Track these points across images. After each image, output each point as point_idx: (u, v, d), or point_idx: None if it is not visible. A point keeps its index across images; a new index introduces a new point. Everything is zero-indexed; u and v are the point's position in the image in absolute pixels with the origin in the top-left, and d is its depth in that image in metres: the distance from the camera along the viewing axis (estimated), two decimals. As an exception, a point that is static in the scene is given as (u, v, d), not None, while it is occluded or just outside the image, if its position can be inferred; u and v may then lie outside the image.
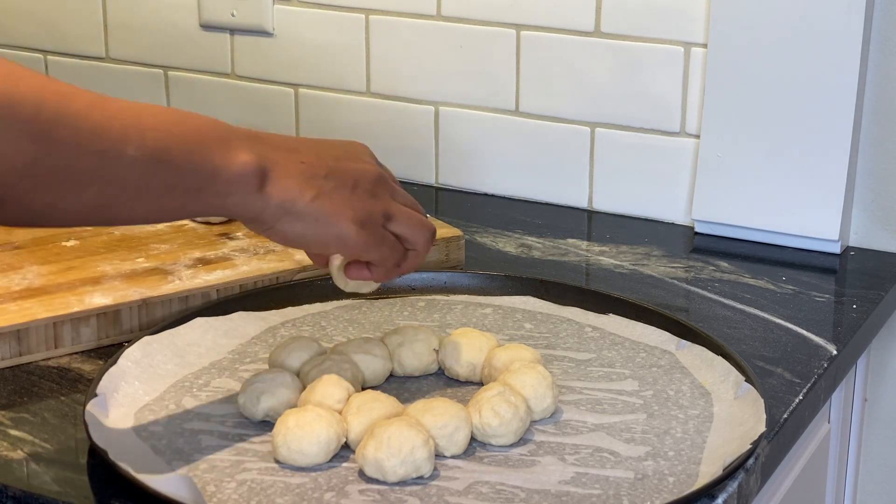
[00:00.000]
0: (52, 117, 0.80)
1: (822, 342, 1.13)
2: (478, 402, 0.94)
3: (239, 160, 0.89)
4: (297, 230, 0.92)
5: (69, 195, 0.82)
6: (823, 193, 1.33)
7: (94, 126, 0.82)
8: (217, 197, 0.88)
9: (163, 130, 0.86)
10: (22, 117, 0.78)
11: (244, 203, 0.89)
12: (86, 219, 0.86)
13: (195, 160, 0.87)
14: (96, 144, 0.82)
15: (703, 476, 0.89)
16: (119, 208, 0.85)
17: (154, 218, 0.89)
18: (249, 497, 0.86)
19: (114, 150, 0.82)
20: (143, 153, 0.84)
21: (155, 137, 0.85)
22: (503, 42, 1.47)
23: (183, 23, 1.64)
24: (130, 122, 0.84)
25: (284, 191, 0.91)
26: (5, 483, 0.88)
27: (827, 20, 1.29)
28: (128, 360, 1.01)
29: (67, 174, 0.81)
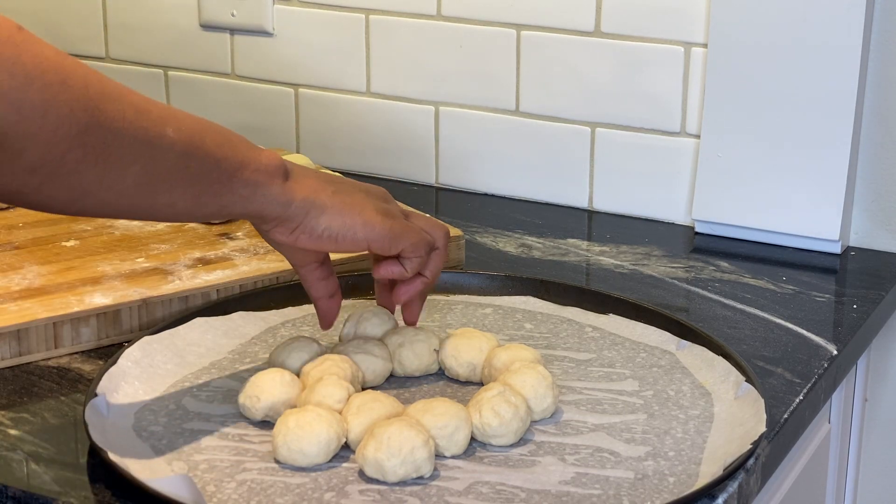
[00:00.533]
0: (99, 91, 0.83)
1: (822, 342, 1.13)
2: (478, 402, 0.94)
3: (265, 155, 0.94)
4: (324, 223, 0.96)
5: (115, 170, 0.85)
6: (823, 193, 1.33)
7: (136, 104, 0.86)
8: (247, 186, 0.92)
9: (195, 121, 0.91)
10: (75, 87, 0.81)
11: (272, 195, 0.94)
12: (128, 202, 0.88)
13: (226, 150, 0.92)
14: (140, 121, 0.85)
15: (703, 476, 0.89)
16: (159, 191, 0.88)
17: (190, 208, 0.92)
18: (249, 497, 0.86)
19: (155, 129, 0.86)
20: (181, 136, 0.88)
21: (190, 123, 0.90)
22: (503, 42, 1.47)
23: (183, 23, 1.64)
24: (166, 109, 0.89)
25: (306, 186, 0.96)
26: (5, 483, 0.88)
27: (827, 21, 1.29)
28: (128, 360, 1.01)
29: (114, 147, 0.84)
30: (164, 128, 0.87)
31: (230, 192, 0.92)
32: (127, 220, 1.30)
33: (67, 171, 0.82)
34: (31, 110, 0.79)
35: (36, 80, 0.79)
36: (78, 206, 0.87)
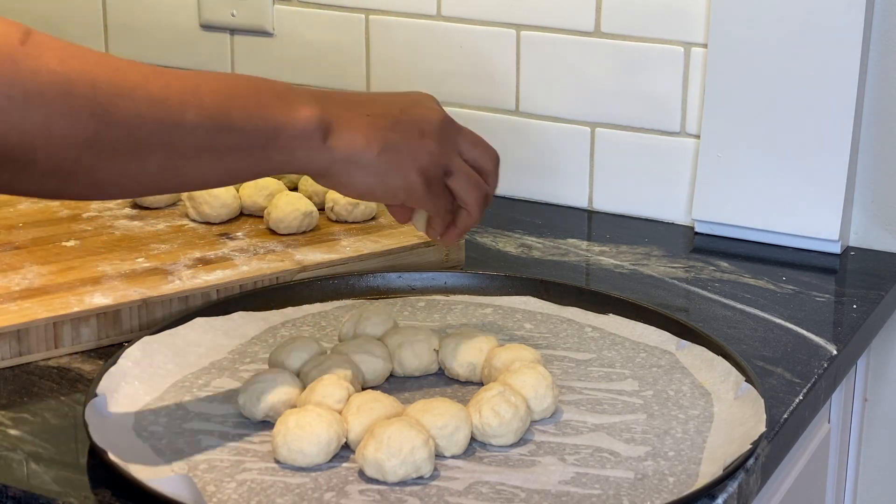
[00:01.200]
0: (108, 91, 0.82)
1: (822, 342, 1.13)
2: (478, 402, 0.94)
3: (301, 115, 0.91)
4: (366, 183, 0.95)
5: (133, 164, 0.84)
6: (823, 193, 1.33)
7: (150, 96, 0.84)
8: (282, 153, 0.90)
9: (221, 93, 0.88)
10: (78, 94, 0.80)
11: (310, 158, 0.92)
12: (156, 186, 0.88)
13: (256, 119, 0.89)
14: (155, 113, 0.84)
15: (703, 476, 0.89)
16: (186, 173, 0.88)
17: (226, 179, 0.91)
18: (249, 497, 0.86)
19: (173, 117, 0.85)
20: (202, 118, 0.86)
21: (213, 101, 0.87)
22: (503, 42, 1.47)
23: (183, 23, 1.64)
24: (188, 89, 0.87)
25: (350, 144, 0.93)
26: (5, 483, 0.88)
27: (827, 20, 1.29)
28: (128, 360, 1.01)
29: (129, 144, 0.83)
30: (183, 113, 0.85)
31: (264, 160, 0.90)
32: (127, 221, 1.30)
33: (84, 171, 0.83)
34: (32, 127, 0.79)
35: (34, 98, 0.79)
36: (104, 195, 0.88)
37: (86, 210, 1.33)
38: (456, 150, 0.99)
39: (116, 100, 0.82)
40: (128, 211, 1.33)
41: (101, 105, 0.81)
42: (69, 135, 0.80)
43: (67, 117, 0.80)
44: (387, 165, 0.94)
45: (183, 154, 0.86)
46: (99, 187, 0.85)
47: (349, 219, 1.31)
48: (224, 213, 1.30)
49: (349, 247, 1.25)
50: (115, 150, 0.83)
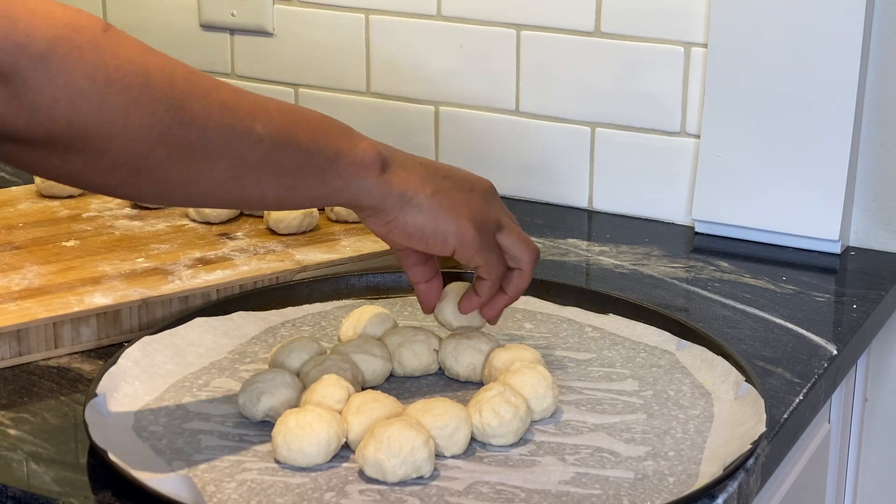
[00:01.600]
0: (185, 90, 0.84)
1: (822, 342, 1.13)
2: (478, 402, 0.94)
3: (361, 146, 0.93)
4: (418, 222, 0.95)
5: (201, 166, 0.85)
6: (823, 193, 1.33)
7: (223, 101, 0.86)
8: (341, 178, 0.92)
9: (289, 114, 0.90)
10: (158, 87, 0.82)
11: (366, 187, 0.93)
12: (218, 195, 0.89)
13: (320, 142, 0.91)
14: (227, 118, 0.86)
15: (703, 476, 0.89)
16: (248, 185, 0.89)
17: (284, 199, 0.92)
18: (249, 497, 0.86)
19: (242, 125, 0.86)
20: (270, 131, 0.88)
21: (281, 119, 0.89)
22: (503, 42, 1.47)
23: (183, 23, 1.64)
24: (258, 103, 0.89)
25: (406, 181, 0.95)
26: (5, 483, 0.88)
27: (827, 20, 1.29)
28: (128, 360, 1.01)
29: (199, 145, 0.84)
30: (252, 123, 0.87)
31: (323, 184, 0.91)
32: (127, 221, 1.30)
33: (152, 167, 0.83)
34: (111, 112, 0.80)
35: (116, 83, 0.80)
36: (166, 198, 0.88)
37: (86, 210, 1.33)
38: (504, 212, 1.00)
39: (191, 99, 0.84)
40: (128, 211, 1.33)
41: (176, 100, 0.83)
42: (144, 126, 0.81)
43: (145, 108, 0.81)
44: (439, 206, 0.95)
45: (247, 165, 0.87)
46: (164, 186, 0.86)
47: (349, 219, 1.31)
48: (224, 212, 1.30)
49: (349, 247, 1.25)
50: (184, 150, 0.84)
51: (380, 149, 0.94)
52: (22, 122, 0.78)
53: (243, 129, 0.87)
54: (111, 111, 0.80)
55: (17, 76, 0.77)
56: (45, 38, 0.77)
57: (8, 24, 0.76)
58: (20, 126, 0.79)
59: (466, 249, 0.97)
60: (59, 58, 0.78)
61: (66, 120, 0.79)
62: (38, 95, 0.78)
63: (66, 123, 0.79)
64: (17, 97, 0.77)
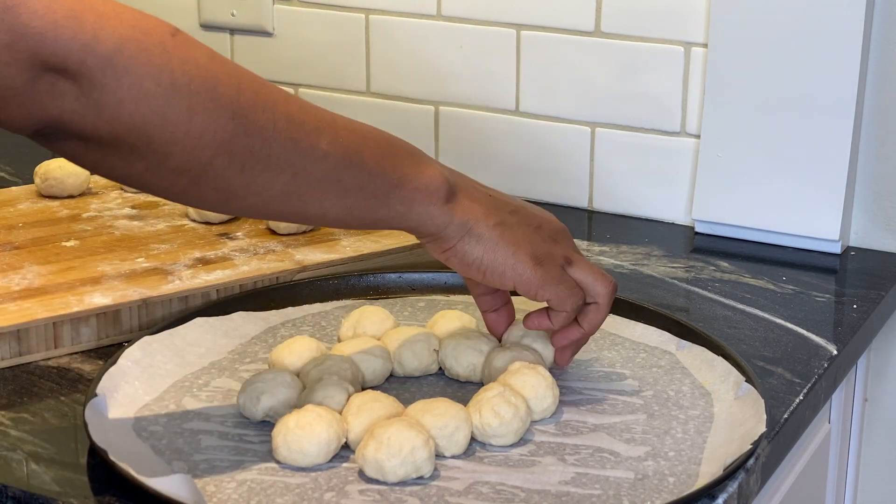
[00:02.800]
0: (251, 99, 0.84)
1: (822, 342, 1.13)
2: (478, 402, 0.94)
3: (428, 171, 0.92)
4: (476, 253, 0.94)
5: (262, 178, 0.85)
6: (823, 193, 1.33)
7: (290, 114, 0.86)
8: (404, 203, 0.91)
9: (356, 133, 0.90)
10: (224, 94, 0.82)
11: (429, 214, 0.92)
12: (278, 208, 0.89)
13: (385, 165, 0.90)
14: (291, 132, 0.86)
15: (703, 476, 0.89)
16: (309, 200, 0.88)
17: (344, 217, 0.91)
18: (249, 497, 0.86)
19: (307, 140, 0.86)
20: (335, 149, 0.88)
21: (348, 137, 0.89)
22: (503, 42, 1.47)
23: (183, 23, 1.64)
24: (325, 119, 0.89)
25: (469, 210, 0.94)
26: (5, 483, 0.88)
27: (827, 20, 1.29)
28: (128, 360, 1.01)
29: (262, 156, 0.84)
30: (317, 139, 0.87)
31: (385, 206, 0.91)
32: (127, 221, 1.30)
33: (214, 175, 0.83)
34: (176, 116, 0.80)
35: (182, 87, 0.80)
36: (226, 207, 0.88)
37: (86, 210, 1.33)
38: (574, 249, 0.99)
39: (257, 108, 0.84)
40: (128, 211, 1.33)
41: (242, 109, 0.83)
42: (207, 132, 0.81)
43: (209, 114, 0.81)
44: (500, 238, 0.94)
45: (309, 180, 0.87)
46: (224, 195, 0.86)
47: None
48: (224, 213, 1.30)
49: (349, 247, 1.25)
50: (246, 159, 0.84)
51: (448, 176, 0.93)
52: (88, 120, 0.79)
53: (308, 144, 0.86)
54: (175, 115, 0.80)
55: (85, 75, 0.78)
56: (113, 38, 0.78)
57: (75, 23, 0.77)
58: (86, 124, 0.79)
59: (526, 286, 0.96)
60: (126, 59, 0.78)
61: (130, 121, 0.79)
62: (103, 95, 0.78)
63: (131, 124, 0.79)
64: (85, 95, 0.78)
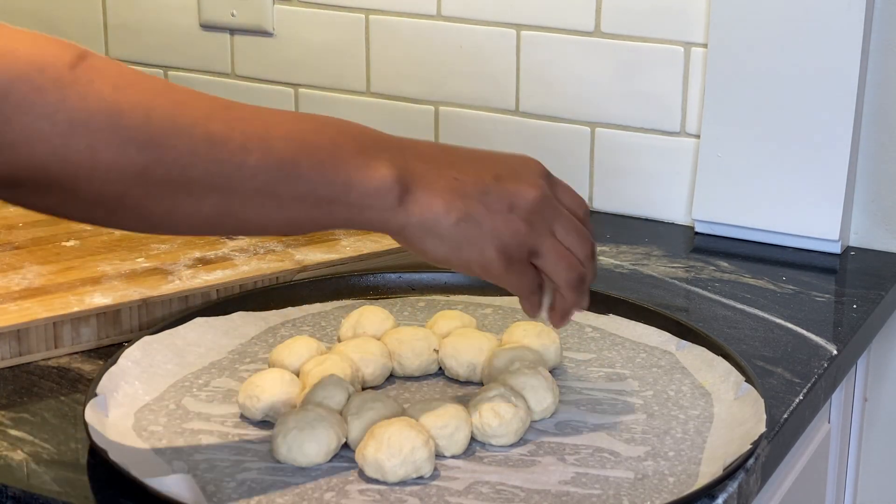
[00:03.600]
0: (163, 126, 0.78)
1: (822, 342, 1.13)
2: (478, 402, 0.94)
3: (377, 173, 0.85)
4: (440, 252, 0.88)
5: (186, 203, 0.80)
6: (823, 193, 1.33)
7: (211, 135, 0.80)
8: (351, 210, 0.85)
9: (294, 140, 0.83)
10: (128, 126, 0.77)
11: (381, 218, 0.86)
12: (210, 227, 0.84)
13: (327, 171, 0.84)
14: (213, 153, 0.80)
15: (703, 476, 0.89)
16: (245, 217, 0.83)
17: (287, 228, 0.86)
18: (249, 497, 0.86)
19: (233, 159, 0.81)
20: (267, 162, 0.81)
21: (283, 147, 0.82)
22: (503, 42, 1.47)
23: (183, 23, 1.64)
24: (254, 131, 0.82)
25: (427, 208, 0.86)
26: (5, 483, 0.88)
27: (827, 20, 1.29)
28: (128, 360, 1.01)
29: (182, 183, 0.79)
30: (244, 156, 0.81)
31: (329, 214, 0.85)
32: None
33: (131, 206, 0.80)
34: (76, 154, 0.76)
35: (80, 125, 0.76)
36: (157, 231, 0.84)
37: (86, 210, 1.33)
38: (549, 231, 0.91)
39: (172, 136, 0.78)
40: (128, 211, 1.33)
41: (152, 139, 0.78)
42: (115, 167, 0.77)
43: (114, 148, 0.77)
44: (463, 237, 0.87)
45: (241, 198, 0.82)
46: (148, 222, 0.82)
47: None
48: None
49: (349, 247, 1.25)
50: (164, 188, 0.79)
51: (402, 170, 0.86)
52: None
53: (234, 163, 0.80)
54: (75, 154, 0.76)
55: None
56: (3, 78, 0.74)
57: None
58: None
59: (493, 278, 0.90)
60: (17, 99, 0.74)
61: (27, 163, 0.76)
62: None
63: (29, 166, 0.76)
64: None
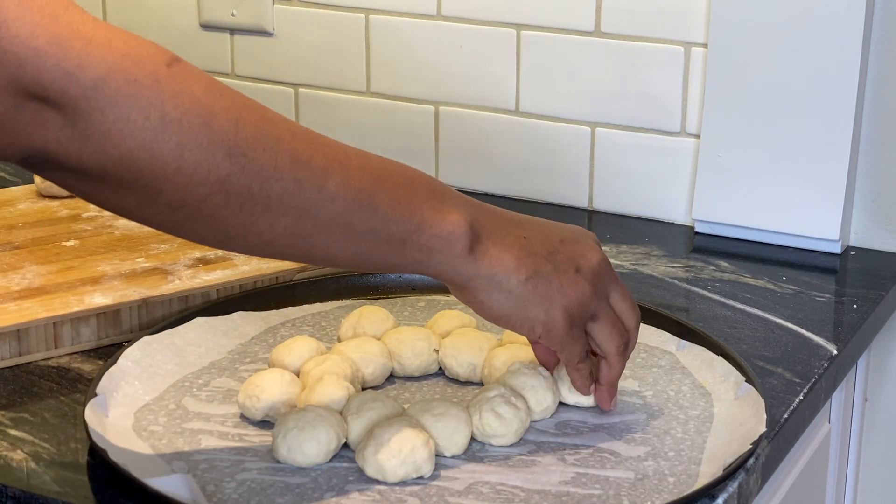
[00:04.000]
0: (251, 136, 0.78)
1: (822, 342, 1.13)
2: (478, 402, 0.94)
3: (451, 218, 0.85)
4: (505, 308, 0.88)
5: (262, 220, 0.80)
6: (823, 193, 1.33)
7: (295, 153, 0.80)
8: (421, 252, 0.85)
9: (371, 173, 0.84)
10: (219, 131, 0.77)
11: (451, 264, 0.86)
12: (280, 249, 0.83)
13: (402, 209, 0.84)
14: (296, 172, 0.80)
15: (703, 476, 0.89)
16: (315, 243, 0.83)
17: (355, 261, 0.85)
18: (249, 497, 0.86)
19: (314, 181, 0.81)
20: (345, 190, 0.82)
21: (361, 178, 0.83)
22: (503, 42, 1.47)
23: (183, 23, 1.64)
24: (336, 158, 0.82)
25: (498, 262, 0.87)
26: (5, 483, 0.88)
27: (827, 20, 1.29)
28: (128, 359, 1.01)
29: (261, 197, 0.79)
30: (325, 179, 0.81)
31: (400, 253, 0.85)
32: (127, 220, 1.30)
33: (209, 214, 0.79)
34: (166, 152, 0.76)
35: (173, 122, 0.76)
36: (226, 245, 0.83)
37: (86, 210, 1.33)
38: (606, 297, 0.92)
39: (258, 146, 0.78)
40: (128, 211, 1.33)
41: (240, 147, 0.78)
42: (201, 170, 0.77)
43: (202, 151, 0.77)
44: (532, 294, 0.88)
45: (316, 223, 0.81)
46: (222, 234, 0.81)
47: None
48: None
49: (349, 247, 1.24)
50: (244, 200, 0.79)
51: (474, 219, 0.86)
52: (73, 151, 0.75)
53: (314, 185, 0.80)
54: (165, 151, 0.76)
55: (69, 105, 0.74)
56: (99, 67, 0.74)
57: (59, 50, 0.73)
58: (72, 155, 0.76)
59: (552, 338, 0.91)
60: (112, 89, 0.74)
61: (116, 154, 0.75)
62: (88, 126, 0.74)
63: (117, 157, 0.75)
64: (70, 126, 0.74)
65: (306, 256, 0.85)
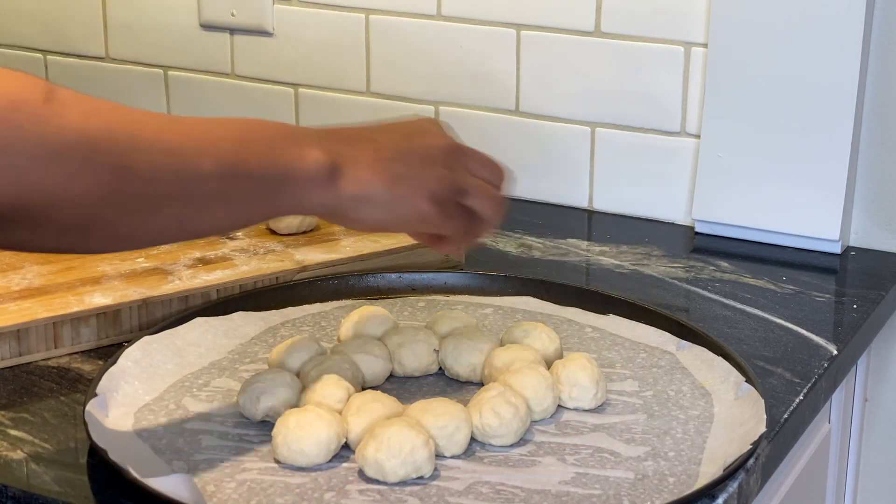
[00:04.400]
0: (128, 145, 0.81)
1: (822, 342, 1.13)
2: (478, 402, 0.94)
3: (310, 158, 0.90)
4: (377, 217, 0.93)
5: (150, 217, 0.84)
6: (823, 193, 1.33)
7: (168, 147, 0.83)
8: (294, 197, 0.90)
9: (234, 140, 0.88)
10: (101, 151, 0.79)
11: (321, 199, 0.91)
12: (169, 236, 0.88)
13: (268, 165, 0.88)
14: (172, 164, 0.83)
15: (703, 476, 0.89)
16: (200, 221, 0.87)
17: (238, 224, 0.91)
18: (249, 497, 0.86)
19: (189, 167, 0.84)
20: (217, 166, 0.85)
21: (228, 149, 0.87)
22: (503, 42, 1.47)
23: (183, 23, 1.64)
24: (203, 138, 0.86)
25: (357, 181, 0.91)
26: (5, 483, 0.88)
27: (827, 20, 1.29)
28: (128, 360, 1.01)
29: (146, 197, 0.82)
30: (198, 162, 0.84)
31: (276, 204, 0.90)
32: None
33: (101, 226, 0.82)
34: (53, 186, 0.78)
35: (57, 157, 0.77)
36: (119, 248, 0.88)
37: (86, 210, 1.33)
38: (466, 172, 0.97)
39: (135, 153, 0.81)
40: (128, 211, 1.33)
41: (121, 160, 0.80)
42: (90, 191, 0.79)
43: (89, 175, 0.79)
44: (396, 197, 0.93)
45: (198, 204, 0.85)
46: (115, 240, 0.85)
47: (349, 219, 1.31)
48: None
49: (349, 247, 1.25)
50: (132, 204, 0.82)
51: (329, 150, 0.91)
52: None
53: (189, 171, 0.84)
54: (53, 184, 0.78)
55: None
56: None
57: None
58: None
59: (431, 227, 0.96)
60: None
61: (5, 200, 0.77)
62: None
63: (6, 201, 0.77)
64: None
65: (194, 235, 0.90)
